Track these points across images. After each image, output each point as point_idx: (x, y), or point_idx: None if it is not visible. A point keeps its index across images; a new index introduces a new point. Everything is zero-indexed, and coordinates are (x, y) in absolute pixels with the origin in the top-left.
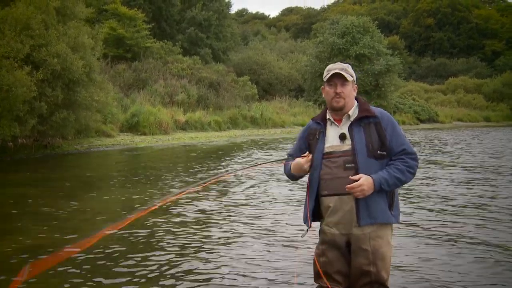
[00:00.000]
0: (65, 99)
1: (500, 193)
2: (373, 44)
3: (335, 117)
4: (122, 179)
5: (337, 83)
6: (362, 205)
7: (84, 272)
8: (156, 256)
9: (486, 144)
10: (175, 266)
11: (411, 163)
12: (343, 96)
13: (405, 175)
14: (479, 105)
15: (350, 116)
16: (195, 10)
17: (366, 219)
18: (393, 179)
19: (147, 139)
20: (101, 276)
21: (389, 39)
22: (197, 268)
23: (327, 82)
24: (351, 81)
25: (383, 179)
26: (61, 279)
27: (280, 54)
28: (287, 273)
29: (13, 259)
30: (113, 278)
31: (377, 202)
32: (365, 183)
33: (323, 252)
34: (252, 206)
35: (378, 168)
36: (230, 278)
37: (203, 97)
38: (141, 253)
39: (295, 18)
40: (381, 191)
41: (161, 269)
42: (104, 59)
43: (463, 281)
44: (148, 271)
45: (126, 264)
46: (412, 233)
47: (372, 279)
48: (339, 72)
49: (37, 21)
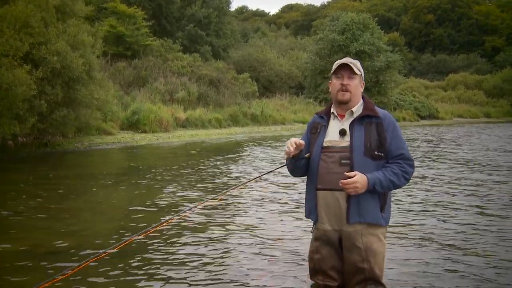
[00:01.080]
0: (65, 97)
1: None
2: (373, 40)
3: (339, 112)
4: (123, 178)
5: (344, 75)
6: (354, 203)
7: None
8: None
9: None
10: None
11: (407, 169)
12: (349, 89)
13: (400, 180)
14: (479, 101)
15: (354, 113)
16: (194, 7)
17: (355, 217)
18: (388, 181)
19: (147, 137)
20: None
21: (389, 36)
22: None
23: (334, 75)
24: (358, 75)
25: (378, 180)
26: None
27: (280, 51)
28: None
29: (15, 259)
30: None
31: (369, 202)
32: (359, 180)
33: (317, 249)
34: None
35: (373, 168)
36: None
37: (203, 94)
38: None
39: (295, 15)
40: (374, 191)
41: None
42: (104, 57)
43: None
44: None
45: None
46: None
47: (366, 276)
48: (347, 63)
49: (37, 19)
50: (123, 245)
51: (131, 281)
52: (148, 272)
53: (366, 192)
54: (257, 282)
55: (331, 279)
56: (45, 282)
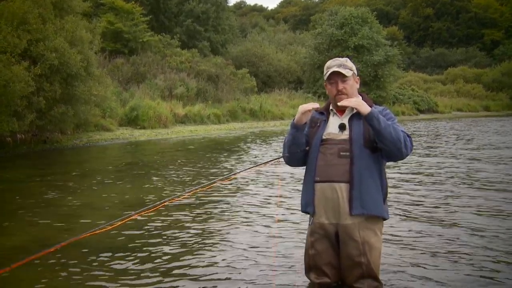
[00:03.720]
0: (63, 94)
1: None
2: (372, 35)
3: (338, 109)
4: (121, 174)
5: (337, 81)
6: (356, 194)
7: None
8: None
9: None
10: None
11: (406, 137)
12: (345, 93)
13: (397, 133)
14: (478, 95)
15: (354, 109)
16: (193, 2)
17: (358, 209)
18: (386, 124)
19: (146, 133)
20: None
21: (388, 30)
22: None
23: (327, 80)
24: (350, 75)
25: (378, 113)
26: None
27: (279, 46)
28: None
29: (14, 255)
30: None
31: (372, 193)
32: (360, 100)
33: (312, 245)
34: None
35: (372, 161)
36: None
37: (202, 90)
38: (146, 246)
39: (293, 10)
40: (371, 120)
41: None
42: (102, 53)
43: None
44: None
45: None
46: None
47: (364, 271)
48: (337, 70)
49: (34, 16)
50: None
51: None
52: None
53: (369, 182)
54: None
55: (324, 275)
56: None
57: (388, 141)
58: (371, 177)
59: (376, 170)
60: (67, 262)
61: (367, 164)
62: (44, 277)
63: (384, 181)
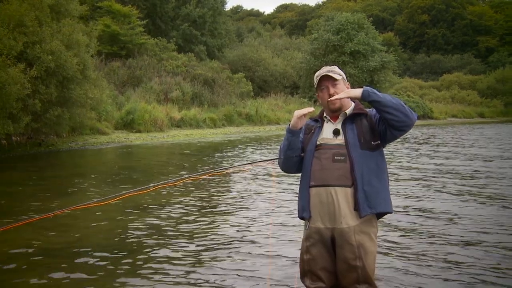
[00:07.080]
0: (59, 97)
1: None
2: (368, 40)
3: (331, 115)
4: (117, 178)
5: (328, 85)
6: (361, 196)
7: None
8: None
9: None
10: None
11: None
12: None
13: (396, 99)
14: (473, 101)
15: (347, 114)
16: (189, 7)
17: (367, 209)
18: (383, 94)
19: (142, 137)
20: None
21: (384, 36)
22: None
23: (318, 88)
24: (340, 79)
25: (371, 89)
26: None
27: (275, 51)
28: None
29: (9, 259)
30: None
31: (378, 191)
32: (348, 90)
33: (307, 250)
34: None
35: (373, 159)
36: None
37: (198, 94)
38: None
39: (290, 15)
40: (370, 98)
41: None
42: (98, 57)
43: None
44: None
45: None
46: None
47: (359, 275)
48: (326, 74)
49: (31, 18)
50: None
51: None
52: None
53: (373, 180)
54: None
55: (319, 280)
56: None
57: (392, 109)
58: (376, 177)
59: (379, 168)
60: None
61: (368, 165)
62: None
63: (387, 178)
